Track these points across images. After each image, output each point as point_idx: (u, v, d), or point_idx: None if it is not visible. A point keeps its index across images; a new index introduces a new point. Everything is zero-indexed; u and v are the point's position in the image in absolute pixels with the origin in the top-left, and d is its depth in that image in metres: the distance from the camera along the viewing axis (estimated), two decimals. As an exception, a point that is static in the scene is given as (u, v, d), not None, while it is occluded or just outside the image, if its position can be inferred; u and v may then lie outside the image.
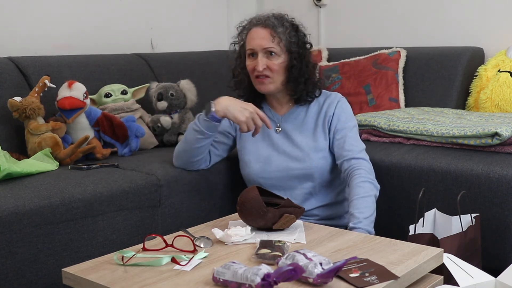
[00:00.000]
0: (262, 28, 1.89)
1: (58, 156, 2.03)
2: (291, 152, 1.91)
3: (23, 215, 1.59)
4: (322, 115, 1.94)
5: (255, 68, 1.88)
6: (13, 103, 2.03)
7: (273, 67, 1.87)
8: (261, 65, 1.86)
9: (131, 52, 2.80)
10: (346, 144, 1.87)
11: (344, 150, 1.86)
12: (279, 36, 1.87)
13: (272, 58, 1.87)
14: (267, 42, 1.86)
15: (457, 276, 1.41)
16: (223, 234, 1.47)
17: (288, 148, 1.92)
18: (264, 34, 1.87)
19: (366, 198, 1.75)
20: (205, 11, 3.38)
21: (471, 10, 2.85)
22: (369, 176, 1.80)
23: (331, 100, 1.95)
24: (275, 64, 1.87)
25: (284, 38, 1.88)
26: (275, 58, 1.87)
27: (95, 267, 1.32)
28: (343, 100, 1.97)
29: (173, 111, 2.46)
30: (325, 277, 1.17)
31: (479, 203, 1.86)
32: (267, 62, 1.87)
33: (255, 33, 1.89)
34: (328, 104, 1.95)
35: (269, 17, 1.90)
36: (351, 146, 1.86)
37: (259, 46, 1.87)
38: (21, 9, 2.56)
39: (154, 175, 1.93)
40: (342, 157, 1.86)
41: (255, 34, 1.89)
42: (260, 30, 1.89)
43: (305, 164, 1.89)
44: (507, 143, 1.96)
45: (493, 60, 2.60)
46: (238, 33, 1.98)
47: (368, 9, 3.20)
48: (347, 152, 1.85)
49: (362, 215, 1.69)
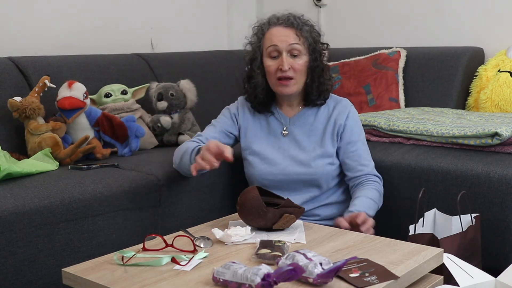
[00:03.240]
0: (284, 27, 1.84)
1: (58, 156, 2.03)
2: (297, 156, 1.89)
3: (23, 215, 1.59)
4: (332, 121, 1.91)
5: (279, 68, 1.83)
6: (13, 103, 2.03)
7: (297, 67, 1.83)
8: (287, 64, 1.81)
9: (131, 52, 2.80)
10: (361, 159, 1.89)
11: (360, 165, 1.89)
12: (304, 36, 1.84)
13: (296, 58, 1.84)
14: (293, 40, 1.82)
15: (457, 276, 1.41)
16: (223, 234, 1.47)
17: (295, 152, 1.90)
18: (287, 32, 1.83)
19: (372, 201, 1.80)
20: (205, 11, 3.38)
21: (471, 10, 2.85)
22: (381, 190, 1.89)
23: (341, 108, 1.93)
24: (299, 64, 1.83)
25: (308, 38, 1.85)
26: (299, 58, 1.84)
27: (95, 267, 1.32)
28: (354, 110, 1.96)
29: (173, 111, 2.46)
30: (325, 277, 1.17)
31: (479, 203, 1.86)
32: (291, 62, 1.83)
33: (278, 31, 1.84)
34: (338, 111, 1.92)
35: (289, 17, 1.86)
36: (366, 160, 1.90)
37: (285, 43, 1.82)
38: (21, 9, 2.56)
39: (154, 175, 1.93)
40: (357, 171, 1.88)
41: (278, 32, 1.84)
42: (282, 29, 1.84)
43: (311, 169, 1.87)
44: (507, 143, 1.96)
45: (493, 60, 2.60)
46: (254, 33, 1.92)
47: (368, 9, 3.20)
48: (363, 167, 1.88)
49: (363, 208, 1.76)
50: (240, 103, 2.01)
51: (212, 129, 1.95)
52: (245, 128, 1.97)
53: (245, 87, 1.96)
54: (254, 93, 1.92)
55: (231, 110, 2.00)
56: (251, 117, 1.97)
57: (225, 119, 1.98)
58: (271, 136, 1.94)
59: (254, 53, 1.91)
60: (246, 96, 1.97)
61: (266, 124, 1.96)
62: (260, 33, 1.89)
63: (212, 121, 2.00)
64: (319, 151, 1.88)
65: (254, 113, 1.97)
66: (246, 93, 1.97)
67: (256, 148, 1.93)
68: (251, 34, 1.93)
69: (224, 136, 1.96)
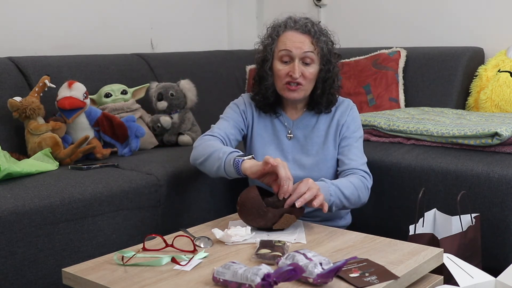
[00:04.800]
0: (301, 33, 1.81)
1: (58, 156, 2.03)
2: (300, 160, 1.88)
3: (23, 215, 1.59)
4: (334, 123, 1.89)
5: (289, 74, 1.80)
6: (13, 103, 2.03)
7: (308, 75, 1.81)
8: (298, 72, 1.79)
9: (131, 52, 2.80)
10: (350, 153, 1.84)
11: (347, 159, 1.84)
12: (319, 45, 1.81)
13: (307, 66, 1.81)
14: (308, 48, 1.79)
15: (457, 276, 1.41)
16: (223, 234, 1.47)
17: (298, 155, 1.89)
18: (303, 39, 1.80)
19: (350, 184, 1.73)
20: (205, 11, 3.38)
21: (471, 10, 2.85)
22: (366, 184, 1.80)
23: (343, 109, 1.91)
24: (310, 73, 1.81)
25: (324, 48, 1.82)
26: (310, 66, 1.81)
27: (95, 267, 1.32)
28: (355, 108, 1.93)
29: (173, 111, 2.46)
30: (325, 277, 1.17)
31: (479, 203, 1.86)
32: (302, 70, 1.80)
33: (293, 36, 1.81)
34: (340, 112, 1.90)
35: (306, 23, 1.83)
36: (355, 156, 1.84)
37: (299, 50, 1.79)
38: (21, 9, 2.56)
39: (154, 175, 1.93)
40: (344, 165, 1.83)
41: (293, 37, 1.81)
42: (298, 35, 1.81)
43: (313, 173, 1.84)
44: (507, 143, 1.96)
45: (493, 60, 2.60)
46: (269, 34, 1.88)
47: (368, 9, 3.20)
48: (350, 161, 1.83)
49: (335, 183, 1.70)
50: (246, 100, 1.97)
51: (227, 124, 1.89)
52: (251, 127, 1.95)
53: (255, 87, 1.93)
54: (265, 94, 1.89)
55: (239, 106, 1.95)
56: (257, 117, 1.95)
57: (236, 115, 1.93)
58: (276, 138, 1.93)
59: (266, 54, 1.87)
60: (254, 95, 1.93)
61: (271, 125, 1.94)
62: (275, 35, 1.86)
63: (223, 116, 1.93)
64: (322, 155, 1.87)
65: (259, 113, 1.95)
66: (254, 93, 1.93)
67: (260, 149, 1.92)
68: (265, 34, 1.90)
69: (238, 133, 1.92)
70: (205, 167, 1.77)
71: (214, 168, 1.72)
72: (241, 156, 1.67)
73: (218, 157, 1.70)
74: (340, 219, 1.94)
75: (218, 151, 1.72)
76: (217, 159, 1.70)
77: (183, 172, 2.00)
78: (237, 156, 1.67)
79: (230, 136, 1.86)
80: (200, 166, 1.80)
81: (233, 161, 1.66)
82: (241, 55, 3.12)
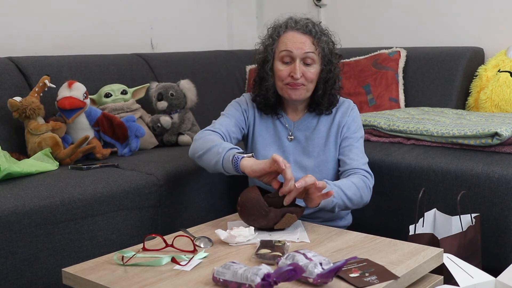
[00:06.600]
0: (302, 33, 1.80)
1: (58, 156, 2.03)
2: (301, 162, 1.87)
3: (23, 215, 1.59)
4: (335, 125, 1.88)
5: (290, 75, 1.80)
6: (13, 103, 2.03)
7: (309, 76, 1.80)
8: (299, 72, 1.78)
9: (131, 52, 2.80)
10: (351, 153, 1.84)
11: (349, 159, 1.83)
12: (321, 46, 1.80)
13: (309, 66, 1.80)
14: (309, 48, 1.79)
15: (457, 276, 1.41)
16: (227, 235, 1.46)
17: (299, 157, 1.88)
18: (304, 39, 1.79)
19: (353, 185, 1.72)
20: (205, 11, 3.38)
21: (471, 10, 2.85)
22: (368, 183, 1.79)
23: (344, 110, 1.90)
24: (311, 73, 1.80)
25: (325, 48, 1.81)
26: (311, 67, 1.80)
27: (95, 267, 1.32)
28: (355, 109, 1.92)
29: (173, 111, 2.46)
30: (325, 277, 1.17)
31: (479, 203, 1.86)
32: (303, 70, 1.79)
33: (294, 37, 1.80)
34: (341, 113, 1.89)
35: (307, 23, 1.82)
36: (356, 156, 1.84)
37: (300, 50, 1.78)
38: (21, 9, 2.56)
39: (154, 175, 1.93)
40: (346, 165, 1.83)
41: (294, 38, 1.80)
42: (299, 35, 1.80)
43: (315, 175, 1.79)
44: (507, 143, 1.96)
45: (493, 60, 2.60)
46: (269, 34, 1.87)
47: (368, 9, 3.20)
48: (351, 161, 1.82)
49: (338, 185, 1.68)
50: (248, 100, 1.96)
51: (228, 122, 1.88)
52: (253, 127, 1.95)
53: (255, 88, 1.92)
54: (266, 95, 1.88)
55: (241, 105, 1.94)
56: (258, 117, 1.94)
57: (238, 114, 1.92)
58: (277, 140, 1.92)
59: (266, 54, 1.86)
60: (255, 96, 1.92)
61: (272, 126, 1.93)
62: (275, 35, 1.85)
63: (225, 113, 1.92)
64: (323, 157, 1.87)
65: (261, 114, 1.95)
66: (255, 94, 1.92)
67: (261, 150, 1.91)
68: (265, 34, 1.89)
69: (239, 131, 1.91)
70: (203, 161, 1.76)
71: (212, 162, 1.71)
72: (240, 153, 1.67)
73: (217, 152, 1.70)
74: (340, 220, 1.93)
75: (218, 146, 1.71)
76: (216, 153, 1.70)
77: (183, 172, 2.00)
78: (237, 153, 1.67)
79: (231, 134, 1.86)
80: (198, 159, 1.78)
81: (232, 157, 1.66)
82: (241, 55, 3.12)
